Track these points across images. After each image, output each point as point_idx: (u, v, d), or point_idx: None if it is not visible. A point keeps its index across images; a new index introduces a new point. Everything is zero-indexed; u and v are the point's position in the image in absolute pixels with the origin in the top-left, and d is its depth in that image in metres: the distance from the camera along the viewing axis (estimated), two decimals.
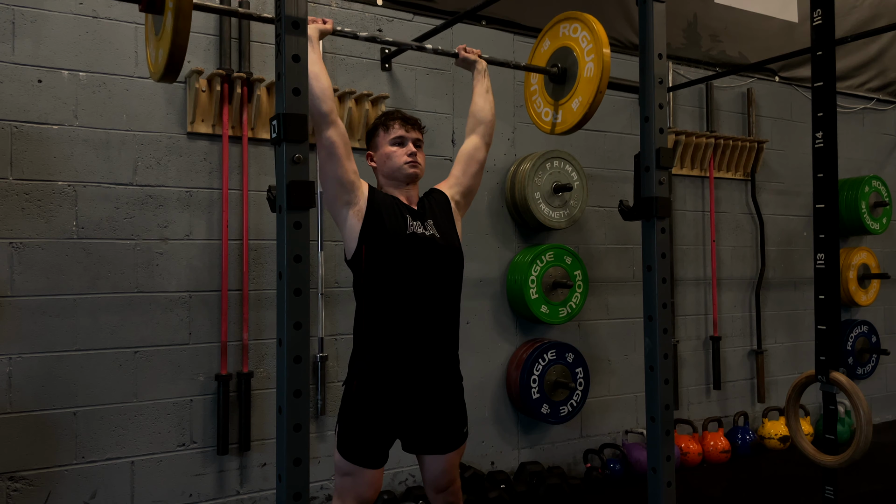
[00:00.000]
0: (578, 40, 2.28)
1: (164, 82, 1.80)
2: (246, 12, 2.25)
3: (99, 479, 2.77)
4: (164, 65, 1.70)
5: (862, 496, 3.47)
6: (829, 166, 2.55)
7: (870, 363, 4.90)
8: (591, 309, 3.92)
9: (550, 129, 2.42)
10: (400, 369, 2.07)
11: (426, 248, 2.11)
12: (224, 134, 3.00)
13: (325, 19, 2.18)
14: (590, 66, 2.22)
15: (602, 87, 2.18)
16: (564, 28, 2.36)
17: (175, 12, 1.64)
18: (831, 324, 2.53)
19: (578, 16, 2.30)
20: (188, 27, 1.66)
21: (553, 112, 2.40)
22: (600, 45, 2.19)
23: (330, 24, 2.18)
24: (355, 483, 2.06)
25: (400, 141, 2.19)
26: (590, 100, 2.21)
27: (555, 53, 2.39)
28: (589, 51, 2.23)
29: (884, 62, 5.19)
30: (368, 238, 2.06)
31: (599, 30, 2.21)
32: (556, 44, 2.39)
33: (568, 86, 2.34)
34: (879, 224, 4.76)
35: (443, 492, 2.21)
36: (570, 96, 2.32)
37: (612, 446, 3.88)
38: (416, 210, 2.19)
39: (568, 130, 2.34)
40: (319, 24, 2.15)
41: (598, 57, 2.18)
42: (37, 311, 2.69)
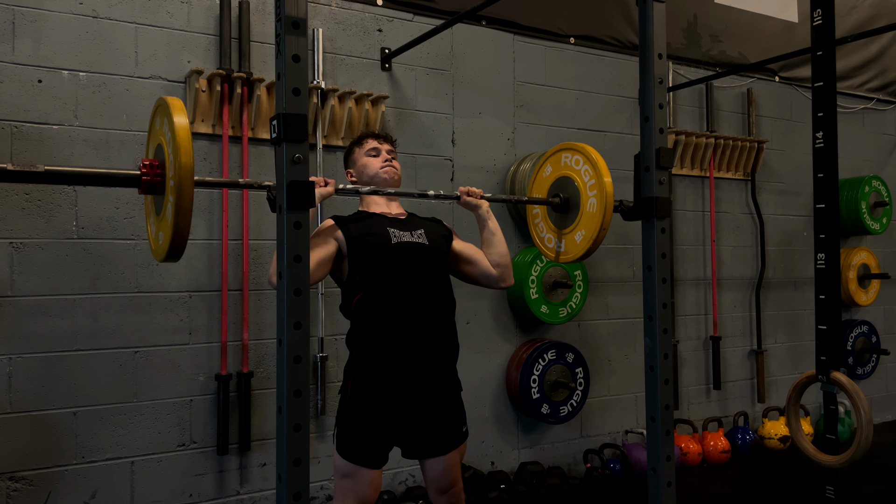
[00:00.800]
0: (580, 172, 2.25)
1: (166, 262, 1.75)
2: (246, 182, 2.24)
3: (99, 479, 2.76)
4: (166, 249, 1.65)
5: (862, 496, 3.47)
6: (830, 166, 2.54)
7: (870, 363, 4.90)
8: (591, 309, 3.92)
9: (555, 257, 2.38)
10: (393, 379, 2.07)
11: (413, 253, 2.14)
12: (224, 134, 3.00)
13: (328, 180, 2.11)
14: (592, 202, 2.18)
15: (605, 224, 2.15)
16: (566, 157, 2.32)
17: (176, 202, 1.58)
18: (832, 324, 2.53)
19: (579, 147, 2.26)
20: (189, 216, 1.60)
21: (556, 240, 2.37)
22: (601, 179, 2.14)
23: (332, 185, 2.10)
24: (355, 484, 2.06)
25: (375, 152, 2.30)
26: (594, 235, 2.17)
27: (556, 182, 2.35)
28: (591, 186, 2.19)
29: (884, 62, 5.19)
30: (357, 263, 2.11)
31: (601, 163, 2.17)
32: (558, 172, 2.35)
33: (571, 216, 2.29)
34: (879, 224, 4.76)
35: (445, 493, 2.20)
36: (573, 227, 2.28)
37: (612, 446, 3.88)
38: (401, 220, 2.22)
39: (574, 260, 2.32)
40: (320, 185, 2.09)
41: (600, 192, 2.14)
42: (37, 311, 2.68)
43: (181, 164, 1.58)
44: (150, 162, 1.70)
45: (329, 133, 3.21)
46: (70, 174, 1.75)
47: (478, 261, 2.30)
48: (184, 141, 1.59)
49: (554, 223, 2.37)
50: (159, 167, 1.69)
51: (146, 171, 1.69)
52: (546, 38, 3.86)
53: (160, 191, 1.70)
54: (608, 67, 4.04)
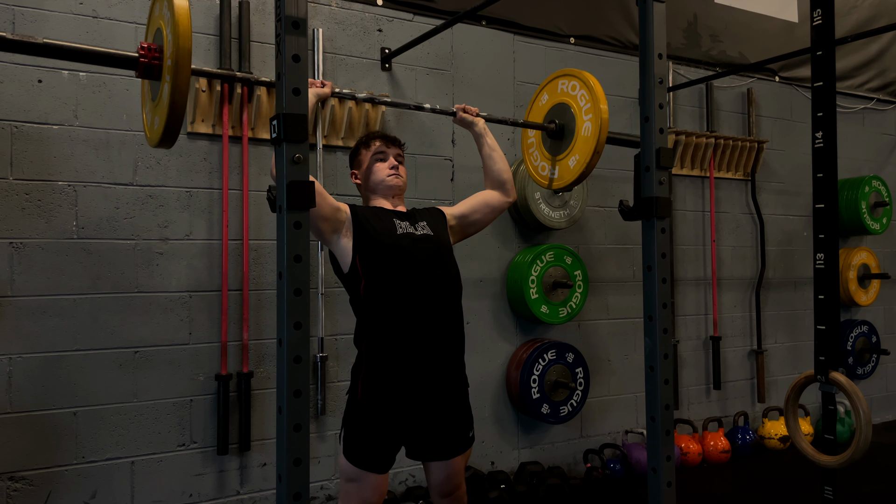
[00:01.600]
0: (577, 98, 2.26)
1: (160, 148, 1.76)
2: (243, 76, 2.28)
3: (99, 479, 2.77)
4: (160, 132, 1.66)
5: (862, 496, 3.47)
6: (829, 166, 2.55)
7: (870, 363, 4.90)
8: (591, 309, 3.92)
9: (548, 185, 2.40)
10: (402, 374, 2.06)
11: (420, 245, 2.12)
12: (224, 134, 3.00)
13: (325, 81, 2.16)
14: (587, 126, 2.20)
15: (599, 148, 2.17)
16: (563, 84, 2.34)
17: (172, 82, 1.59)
18: (831, 324, 2.53)
19: (577, 73, 2.28)
20: (185, 98, 1.62)
21: (550, 167, 2.38)
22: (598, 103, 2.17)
23: (329, 87, 2.16)
24: (361, 488, 2.04)
25: (382, 156, 2.25)
26: (587, 159, 2.19)
27: (553, 109, 2.36)
28: (587, 110, 2.21)
29: (884, 62, 5.19)
30: (361, 247, 2.08)
31: (597, 88, 2.19)
32: (555, 99, 2.36)
33: (566, 142, 2.31)
34: (879, 224, 4.76)
35: (448, 497, 2.19)
36: (567, 153, 2.30)
37: (612, 446, 3.88)
38: (404, 213, 2.22)
39: (565, 188, 2.33)
40: (317, 86, 2.14)
41: (595, 116, 2.16)
42: (37, 311, 2.69)
43: (179, 46, 1.58)
44: (149, 45, 1.71)
45: (329, 133, 3.21)
46: (68, 49, 1.71)
47: (477, 206, 2.31)
48: (183, 21, 1.59)
49: (548, 150, 2.38)
50: (157, 51, 1.70)
51: (144, 53, 1.69)
52: (546, 38, 3.86)
53: (157, 75, 1.71)
54: (608, 67, 4.04)
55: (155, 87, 1.76)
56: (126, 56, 1.71)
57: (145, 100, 1.89)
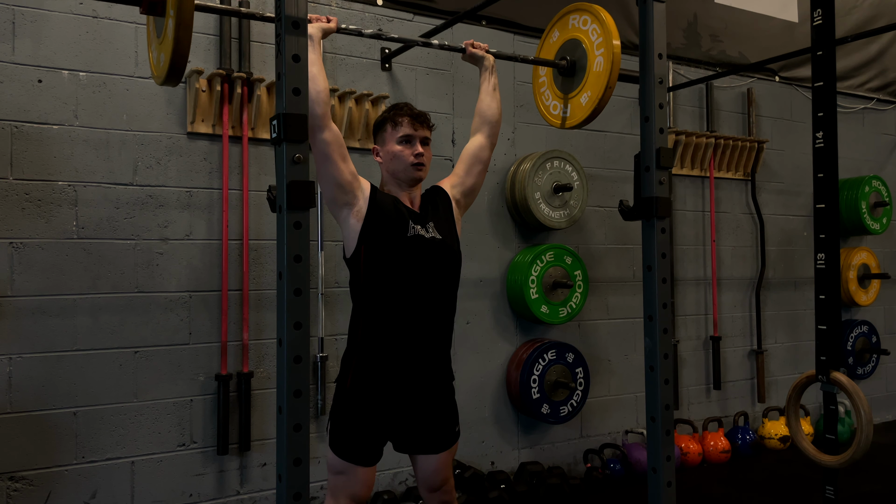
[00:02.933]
0: (588, 33, 2.22)
1: (167, 86, 1.79)
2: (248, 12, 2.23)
3: (99, 479, 2.77)
4: (166, 69, 1.69)
5: (862, 496, 3.47)
6: (830, 166, 2.55)
7: (870, 363, 4.90)
8: (591, 309, 3.92)
9: (560, 124, 2.36)
10: (394, 368, 2.07)
11: (427, 251, 2.11)
12: (224, 134, 3.00)
13: (329, 17, 2.12)
14: (599, 61, 2.17)
15: (612, 83, 2.13)
16: (574, 20, 2.30)
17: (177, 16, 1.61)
18: (832, 324, 2.53)
19: (588, 7, 2.24)
20: (190, 31, 1.63)
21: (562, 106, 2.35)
22: (610, 38, 2.13)
23: (334, 22, 2.12)
24: (348, 481, 2.05)
25: (408, 139, 2.14)
26: (599, 95, 2.16)
27: (564, 45, 2.33)
28: (599, 44, 2.17)
29: (884, 62, 5.19)
30: (368, 239, 2.06)
31: (609, 22, 2.16)
32: (566, 35, 2.32)
33: (577, 79, 2.28)
34: (879, 224, 4.76)
35: (436, 491, 2.20)
36: (579, 90, 2.27)
37: (612, 446, 3.88)
38: (417, 213, 2.17)
39: (578, 125, 2.30)
40: (323, 22, 2.11)
41: (607, 51, 2.13)
42: (37, 311, 2.68)
43: None
44: None
45: None
46: None
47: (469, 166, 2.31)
48: None
49: (560, 88, 2.36)
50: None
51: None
52: None
53: (161, 11, 1.72)
54: None
55: (160, 25, 1.80)
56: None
57: (151, 38, 1.94)
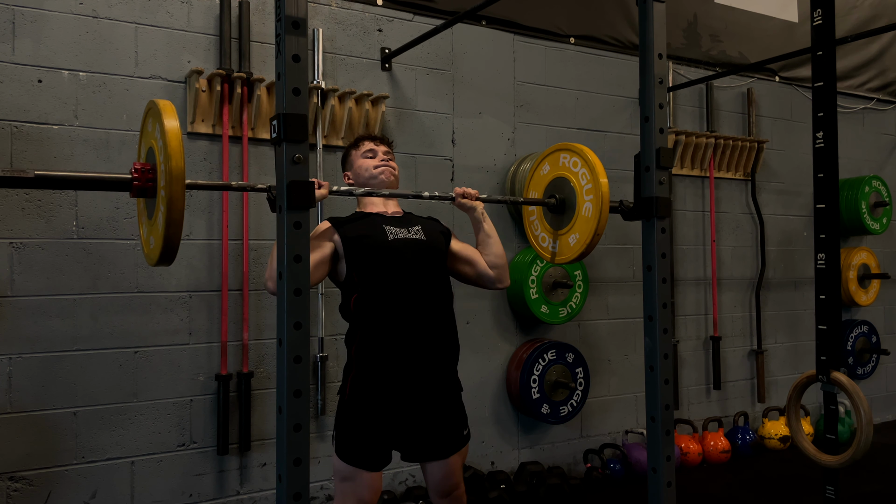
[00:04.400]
0: (577, 175, 2.23)
1: (159, 266, 1.74)
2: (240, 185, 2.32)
3: (99, 479, 2.76)
4: (157, 254, 1.66)
5: (862, 496, 3.47)
6: (830, 166, 2.54)
7: (870, 363, 4.90)
8: (591, 309, 3.92)
9: (550, 258, 2.37)
10: (392, 378, 2.07)
11: (410, 249, 2.13)
12: (224, 134, 3.00)
13: (321, 182, 2.04)
14: (588, 206, 2.16)
15: (600, 230, 2.13)
16: (564, 158, 2.30)
17: (167, 211, 1.57)
18: (832, 324, 2.53)
19: (577, 149, 2.24)
20: (181, 224, 1.60)
21: (551, 241, 2.35)
22: (598, 184, 2.12)
23: (325, 188, 2.03)
24: (355, 487, 2.05)
25: (371, 153, 2.29)
26: (587, 239, 2.15)
27: (553, 182, 2.33)
28: (588, 190, 2.17)
29: (884, 62, 5.19)
30: (354, 262, 2.11)
31: (598, 167, 2.14)
32: (555, 171, 2.33)
33: (566, 218, 2.27)
34: (879, 224, 4.76)
35: (447, 497, 2.19)
36: (568, 230, 2.26)
37: (612, 446, 3.88)
38: (398, 218, 2.23)
39: (567, 263, 2.32)
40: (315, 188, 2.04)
41: (596, 198, 2.12)
42: (37, 311, 2.68)
43: (172, 172, 1.56)
44: (142, 166, 1.69)
45: (329, 133, 3.21)
46: (61, 178, 1.72)
47: (476, 261, 2.29)
48: (174, 148, 1.57)
49: (549, 223, 2.37)
50: (150, 171, 1.68)
51: (137, 175, 1.67)
52: (546, 38, 3.86)
53: (151, 195, 1.69)
54: (608, 67, 4.04)
55: (150, 205, 1.74)
56: (119, 179, 1.69)
57: (141, 213, 1.87)
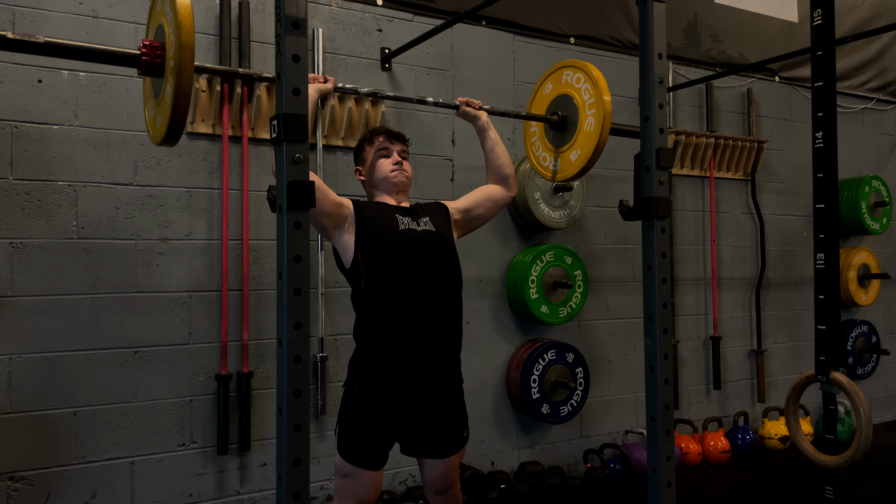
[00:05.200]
0: (580, 91, 2.23)
1: (164, 146, 1.72)
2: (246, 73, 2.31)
3: (99, 479, 2.77)
4: (164, 132, 1.63)
5: (862, 496, 3.47)
6: (829, 166, 2.55)
7: (870, 363, 4.90)
8: (591, 309, 3.92)
9: (551, 177, 2.38)
10: (401, 369, 2.06)
11: (421, 241, 2.12)
12: (224, 134, 3.00)
13: (327, 77, 2.16)
14: (590, 121, 2.18)
15: (602, 144, 2.15)
16: (567, 75, 2.31)
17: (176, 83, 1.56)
18: (831, 324, 2.53)
19: (581, 66, 2.25)
20: (188, 98, 1.59)
21: (552, 159, 2.36)
22: (602, 98, 2.13)
23: (331, 82, 2.15)
24: (355, 484, 2.06)
25: (385, 152, 2.26)
26: (589, 154, 2.17)
27: (556, 100, 2.34)
28: (591, 104, 2.18)
29: (884, 62, 5.19)
30: (363, 243, 2.08)
31: (602, 82, 2.15)
32: (558, 90, 2.33)
33: (568, 134, 2.29)
34: (879, 224, 4.76)
35: (442, 494, 2.20)
36: (569, 146, 2.28)
37: (612, 446, 3.88)
38: (407, 209, 2.22)
39: (567, 180, 2.32)
40: (320, 81, 2.13)
41: (599, 112, 2.13)
42: (37, 311, 2.68)
43: (182, 44, 1.54)
44: (151, 42, 1.66)
45: (329, 133, 3.21)
46: (69, 47, 1.69)
47: (480, 200, 2.31)
48: (186, 20, 1.55)
49: (551, 142, 2.37)
50: (159, 48, 1.65)
51: (146, 51, 1.65)
52: (546, 38, 3.86)
53: (159, 73, 1.67)
54: (608, 67, 4.04)
55: (157, 85, 1.73)
56: (127, 54, 1.68)
57: (147, 97, 1.86)
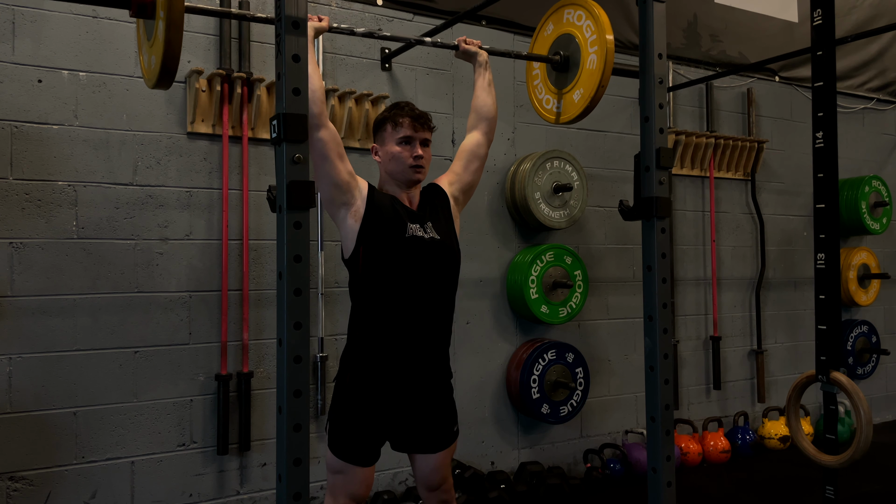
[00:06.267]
0: (582, 28, 2.21)
1: (158, 88, 1.76)
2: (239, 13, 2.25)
3: (99, 479, 2.77)
4: (157, 71, 1.67)
5: (862, 496, 3.47)
6: (830, 166, 2.55)
7: (870, 363, 4.89)
8: (591, 309, 3.92)
9: (555, 119, 2.36)
10: (393, 367, 2.07)
11: (425, 252, 2.11)
12: (224, 134, 3.00)
13: (322, 17, 2.17)
14: (592, 58, 2.16)
15: (604, 81, 2.13)
16: (568, 13, 2.28)
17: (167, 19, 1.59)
18: (831, 324, 2.53)
19: (583, 2, 2.22)
20: (181, 33, 1.62)
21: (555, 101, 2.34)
22: (604, 35, 2.11)
23: (326, 21, 2.17)
24: (347, 481, 2.06)
25: (408, 140, 2.12)
26: (591, 93, 2.15)
27: (558, 40, 2.31)
28: (592, 41, 2.16)
29: (884, 62, 5.19)
30: (366, 240, 2.06)
31: (603, 18, 2.14)
32: (560, 29, 2.31)
33: (570, 74, 2.26)
34: (879, 224, 4.76)
35: (435, 490, 2.21)
36: (572, 86, 2.25)
37: (612, 446, 3.88)
38: (415, 212, 2.17)
39: (570, 121, 2.30)
40: (315, 21, 2.14)
41: (601, 49, 2.12)
42: (37, 311, 2.68)
43: None
44: None
45: None
46: None
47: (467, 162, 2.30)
48: None
49: (553, 83, 2.35)
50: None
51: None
52: None
53: (151, 13, 1.70)
54: None
55: (150, 27, 1.78)
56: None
57: (141, 41, 1.92)
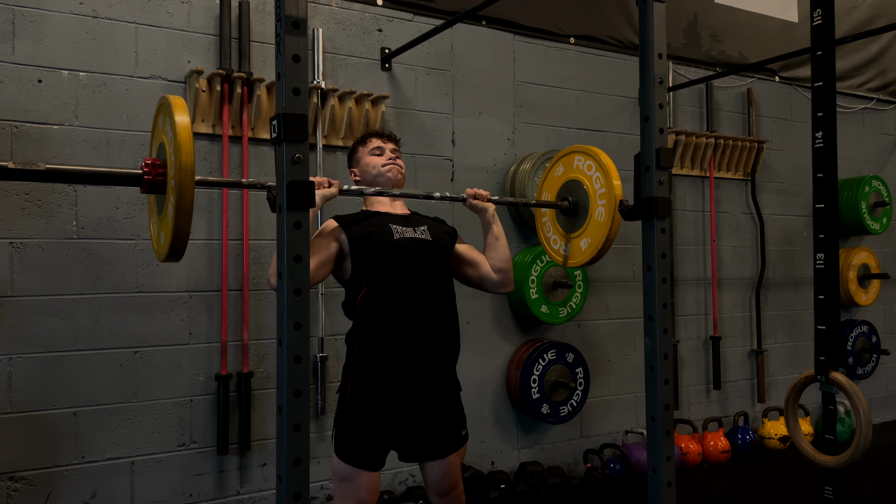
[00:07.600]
0: (592, 179, 2.23)
1: (168, 262, 1.76)
2: None
3: (99, 479, 2.77)
4: (167, 250, 1.68)
5: (861, 496, 3.47)
6: (829, 166, 2.55)
7: (870, 363, 4.90)
8: (591, 309, 3.92)
9: (562, 262, 2.34)
10: (393, 376, 2.07)
11: (416, 249, 2.13)
12: (224, 134, 3.00)
13: (331, 181, 2.08)
14: (601, 211, 2.16)
15: (612, 235, 2.13)
16: (578, 161, 2.29)
17: (177, 203, 1.59)
18: (831, 324, 2.53)
19: (593, 153, 2.23)
20: (190, 218, 1.61)
21: (563, 244, 2.34)
22: (612, 192, 2.13)
23: (335, 186, 2.08)
24: (354, 487, 2.05)
25: (378, 151, 2.28)
26: (599, 245, 2.16)
27: (567, 184, 2.33)
28: (601, 195, 2.17)
29: (884, 62, 5.19)
30: (360, 262, 2.10)
31: (613, 172, 2.13)
32: (570, 174, 2.31)
33: (579, 221, 2.26)
34: (879, 224, 4.76)
35: (446, 496, 2.19)
36: (580, 233, 2.26)
37: (612, 446, 3.88)
38: (404, 217, 2.22)
39: (578, 266, 2.31)
40: (324, 186, 2.07)
41: (609, 203, 2.12)
42: (37, 311, 2.68)
43: (182, 164, 1.58)
44: (153, 161, 1.71)
45: (329, 133, 3.21)
46: (71, 172, 1.75)
47: (479, 263, 2.28)
48: (185, 140, 1.60)
49: (562, 226, 2.36)
50: (161, 166, 1.70)
51: (148, 170, 1.70)
52: (546, 38, 3.86)
53: (162, 190, 1.71)
54: (608, 67, 4.04)
55: (161, 201, 1.76)
56: (131, 174, 1.72)
57: (151, 211, 1.90)
